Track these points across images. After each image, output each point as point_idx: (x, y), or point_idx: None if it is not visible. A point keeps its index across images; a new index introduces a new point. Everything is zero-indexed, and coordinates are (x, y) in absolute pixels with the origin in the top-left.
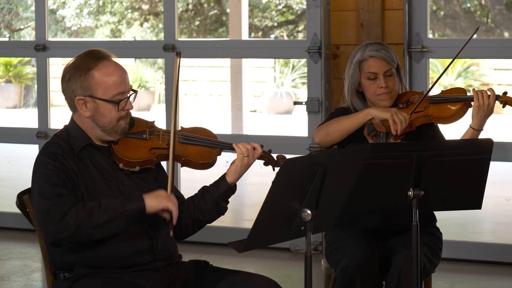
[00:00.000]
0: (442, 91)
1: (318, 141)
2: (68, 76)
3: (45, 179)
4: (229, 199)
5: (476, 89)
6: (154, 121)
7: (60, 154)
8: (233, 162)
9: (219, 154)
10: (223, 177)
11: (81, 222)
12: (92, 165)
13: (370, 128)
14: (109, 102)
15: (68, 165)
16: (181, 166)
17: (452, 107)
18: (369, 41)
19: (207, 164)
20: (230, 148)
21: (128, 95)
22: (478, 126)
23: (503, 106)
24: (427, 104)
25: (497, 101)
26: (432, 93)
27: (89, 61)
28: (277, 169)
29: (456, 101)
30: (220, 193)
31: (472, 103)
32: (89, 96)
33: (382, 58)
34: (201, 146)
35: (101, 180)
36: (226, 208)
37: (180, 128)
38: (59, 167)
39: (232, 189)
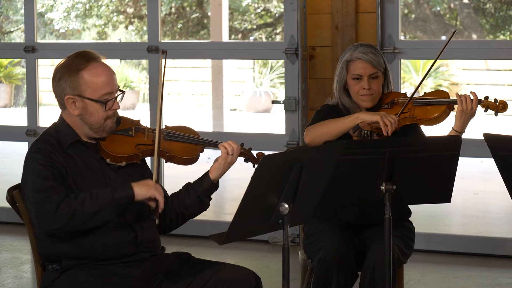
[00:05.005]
0: (425, 93)
1: (308, 141)
2: (58, 76)
3: (36, 174)
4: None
5: (459, 94)
6: (139, 120)
7: (49, 150)
8: (216, 160)
9: (202, 151)
10: (206, 174)
11: (74, 212)
12: (80, 161)
13: (355, 127)
14: (97, 102)
15: (58, 160)
16: (166, 162)
17: (436, 110)
18: (361, 43)
19: (190, 159)
20: (216, 146)
21: (116, 95)
22: (460, 129)
23: (485, 111)
24: (412, 106)
25: (479, 105)
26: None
27: (79, 62)
28: (256, 165)
29: (440, 104)
30: (203, 189)
31: (455, 106)
32: (78, 96)
33: (368, 61)
34: (184, 143)
35: (89, 174)
36: (209, 204)
37: (164, 127)
38: (49, 162)
39: (214, 185)
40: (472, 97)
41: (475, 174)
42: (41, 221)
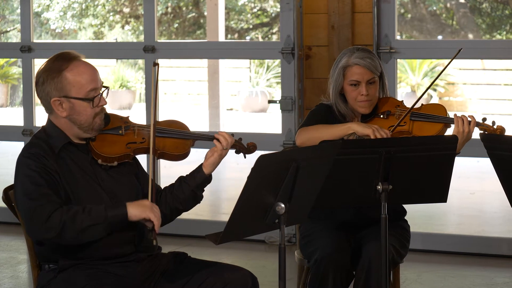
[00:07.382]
0: (422, 105)
1: (299, 144)
2: (41, 80)
3: (29, 180)
4: (207, 193)
5: (457, 114)
6: (128, 117)
7: (41, 155)
8: (211, 155)
9: (192, 145)
10: (199, 168)
11: (65, 224)
12: (72, 163)
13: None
14: (84, 100)
15: (50, 165)
16: (157, 159)
17: (432, 128)
18: (356, 46)
19: (181, 155)
20: (210, 140)
21: (101, 91)
22: (456, 150)
23: None
24: (408, 119)
25: (477, 128)
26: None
27: (60, 63)
28: (248, 155)
29: (437, 121)
30: (197, 184)
31: (452, 125)
32: (64, 97)
33: (366, 66)
34: (175, 139)
35: (82, 177)
36: (202, 196)
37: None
38: (42, 168)
39: (208, 179)
40: (470, 119)
41: (471, 174)
42: (32, 230)
